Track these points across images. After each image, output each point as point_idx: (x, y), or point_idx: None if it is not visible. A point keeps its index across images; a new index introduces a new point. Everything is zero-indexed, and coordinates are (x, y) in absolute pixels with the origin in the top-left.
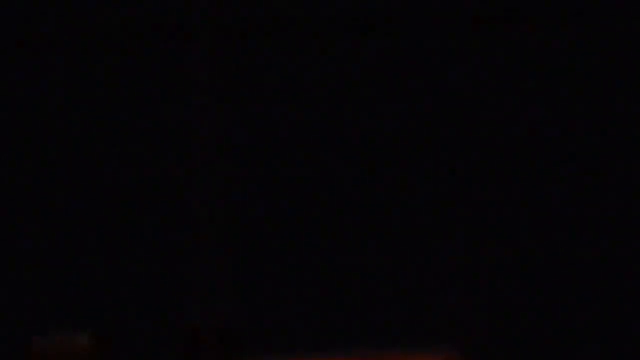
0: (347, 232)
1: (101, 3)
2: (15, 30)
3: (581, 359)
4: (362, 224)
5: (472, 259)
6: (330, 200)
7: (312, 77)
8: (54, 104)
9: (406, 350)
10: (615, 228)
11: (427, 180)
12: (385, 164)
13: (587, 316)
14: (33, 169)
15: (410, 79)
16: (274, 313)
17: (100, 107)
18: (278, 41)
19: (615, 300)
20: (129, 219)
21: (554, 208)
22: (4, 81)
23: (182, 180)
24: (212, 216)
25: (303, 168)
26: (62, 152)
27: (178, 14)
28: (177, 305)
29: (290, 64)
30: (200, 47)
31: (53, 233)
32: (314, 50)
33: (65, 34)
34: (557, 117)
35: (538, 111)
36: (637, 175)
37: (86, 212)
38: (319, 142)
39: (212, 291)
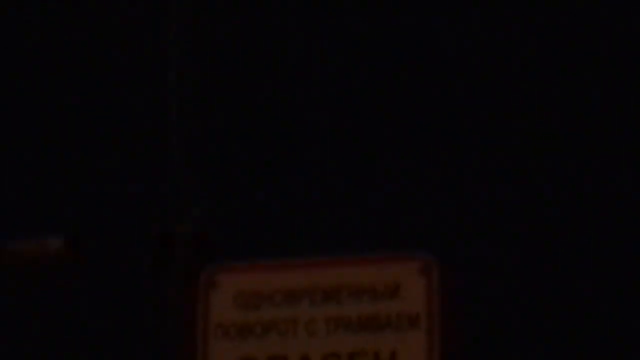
0: (326, 135)
1: None
2: None
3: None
4: (340, 126)
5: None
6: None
7: None
8: None
9: (383, 254)
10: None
11: None
12: None
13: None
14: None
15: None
16: (248, 217)
17: None
18: None
19: None
20: (102, 122)
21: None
22: None
23: (155, 81)
24: (185, 117)
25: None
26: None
27: None
28: (151, 209)
29: None
30: None
31: (26, 137)
32: None
33: None
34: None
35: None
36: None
37: (60, 114)
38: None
39: (185, 194)
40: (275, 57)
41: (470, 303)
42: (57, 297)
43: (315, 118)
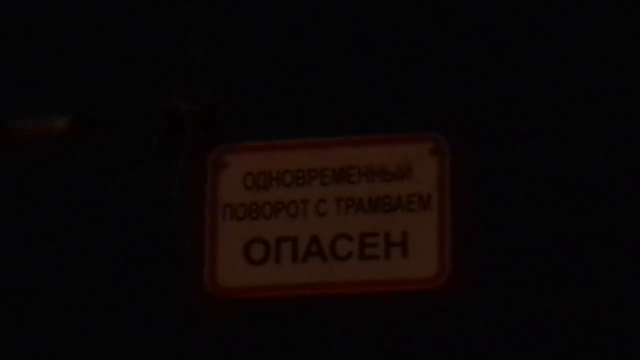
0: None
1: None
2: None
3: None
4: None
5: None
6: None
7: None
8: None
9: (394, 135)
10: None
11: None
12: None
13: None
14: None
15: None
16: (259, 95)
17: None
18: None
19: None
20: None
21: None
22: None
23: None
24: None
25: None
26: None
27: None
28: (159, 87)
29: None
30: None
31: (32, 11)
32: None
33: None
34: None
35: None
36: None
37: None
38: None
39: (194, 71)
40: None
41: (482, 183)
42: (63, 177)
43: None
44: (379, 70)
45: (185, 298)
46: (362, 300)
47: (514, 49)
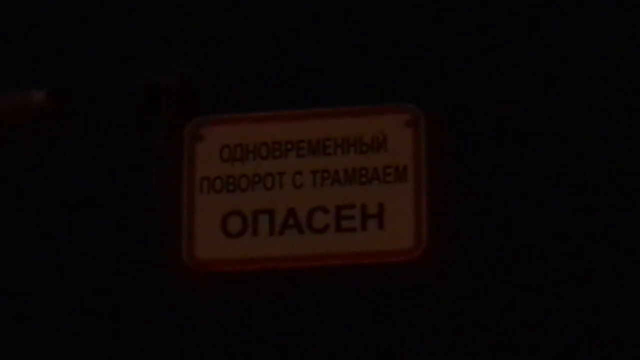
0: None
1: None
2: None
3: None
4: None
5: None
6: None
7: None
8: None
9: (370, 106)
10: None
11: None
12: None
13: None
14: None
15: None
16: (234, 68)
17: None
18: None
19: None
20: None
21: None
22: None
23: None
24: None
25: None
26: None
27: None
28: (135, 61)
29: None
30: None
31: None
32: None
33: None
34: None
35: None
36: None
37: None
38: None
39: (171, 44)
40: None
41: (458, 155)
42: (41, 151)
43: None
44: (354, 41)
45: (163, 271)
46: (339, 272)
47: (491, 23)
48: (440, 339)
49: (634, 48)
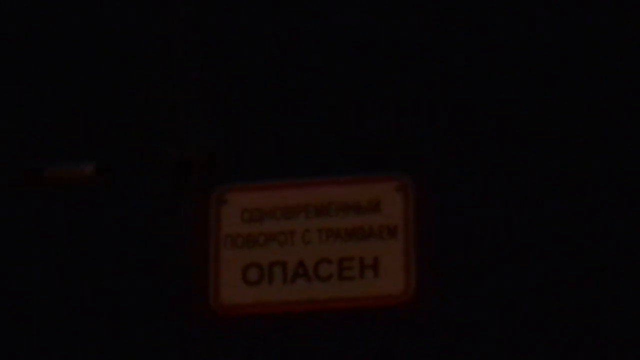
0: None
1: None
2: None
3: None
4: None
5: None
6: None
7: None
8: None
9: (366, 176)
10: None
11: None
12: None
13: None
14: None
15: None
16: (252, 145)
17: None
18: None
19: None
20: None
21: None
22: None
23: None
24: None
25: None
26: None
27: None
28: (170, 139)
29: None
30: None
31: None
32: None
33: None
34: None
35: None
36: None
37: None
38: None
39: (201, 127)
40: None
41: (440, 215)
42: (89, 213)
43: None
44: (350, 122)
45: (193, 314)
46: (341, 314)
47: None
48: None
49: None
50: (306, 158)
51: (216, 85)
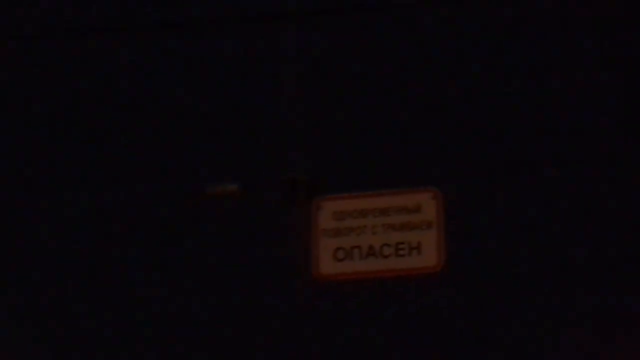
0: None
1: None
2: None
3: None
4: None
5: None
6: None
7: None
8: None
9: (411, 188)
10: None
11: None
12: None
13: None
14: None
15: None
16: (340, 167)
17: None
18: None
19: None
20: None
21: None
22: None
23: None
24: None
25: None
26: None
27: None
28: (285, 162)
29: None
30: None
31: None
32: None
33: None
34: None
35: None
36: None
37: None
38: None
39: (305, 155)
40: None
41: (463, 215)
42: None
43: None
44: (403, 151)
45: (302, 281)
46: (396, 280)
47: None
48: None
49: None
50: (373, 177)
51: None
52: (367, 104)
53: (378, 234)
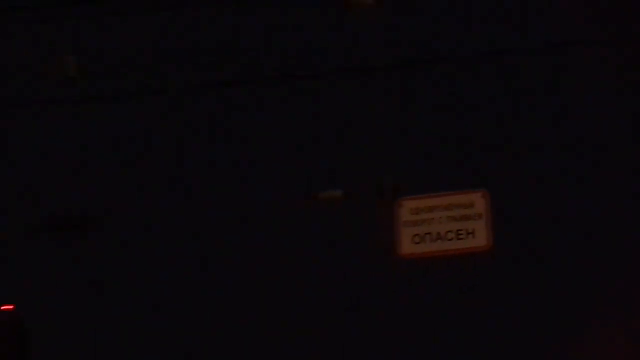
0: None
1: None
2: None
3: None
4: None
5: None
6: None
7: None
8: None
9: (465, 190)
10: None
11: None
12: None
13: None
14: None
15: None
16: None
17: None
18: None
19: None
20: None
21: None
22: None
23: None
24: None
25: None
26: None
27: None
28: (369, 171)
29: None
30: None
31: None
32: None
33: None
34: None
35: None
36: None
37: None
38: None
39: (387, 160)
40: None
41: (504, 208)
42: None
43: None
44: (458, 161)
45: (388, 260)
46: (458, 257)
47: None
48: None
49: None
50: (439, 182)
51: (398, 145)
52: (433, 130)
53: (443, 223)
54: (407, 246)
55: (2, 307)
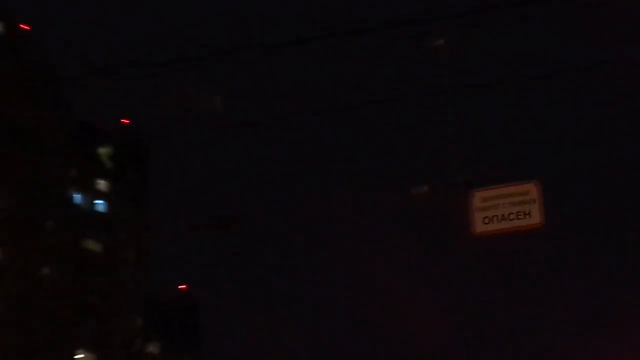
0: None
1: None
2: None
3: None
4: None
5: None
6: None
7: None
8: None
9: (524, 182)
10: None
11: None
12: None
13: None
14: None
15: None
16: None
17: None
18: None
19: None
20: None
21: None
22: None
23: None
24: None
25: None
26: None
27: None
28: (448, 170)
29: None
30: None
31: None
32: None
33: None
34: None
35: None
36: None
37: None
38: None
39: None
40: None
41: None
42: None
43: None
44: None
45: (463, 237)
46: (515, 233)
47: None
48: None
49: None
50: (501, 176)
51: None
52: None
53: (506, 207)
54: (479, 226)
55: (179, 287)
